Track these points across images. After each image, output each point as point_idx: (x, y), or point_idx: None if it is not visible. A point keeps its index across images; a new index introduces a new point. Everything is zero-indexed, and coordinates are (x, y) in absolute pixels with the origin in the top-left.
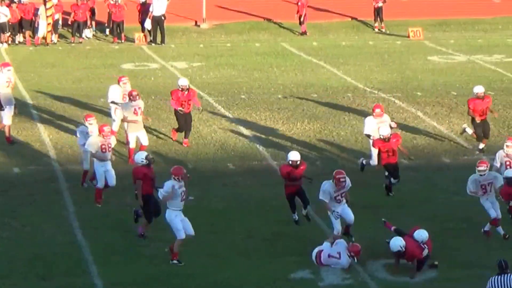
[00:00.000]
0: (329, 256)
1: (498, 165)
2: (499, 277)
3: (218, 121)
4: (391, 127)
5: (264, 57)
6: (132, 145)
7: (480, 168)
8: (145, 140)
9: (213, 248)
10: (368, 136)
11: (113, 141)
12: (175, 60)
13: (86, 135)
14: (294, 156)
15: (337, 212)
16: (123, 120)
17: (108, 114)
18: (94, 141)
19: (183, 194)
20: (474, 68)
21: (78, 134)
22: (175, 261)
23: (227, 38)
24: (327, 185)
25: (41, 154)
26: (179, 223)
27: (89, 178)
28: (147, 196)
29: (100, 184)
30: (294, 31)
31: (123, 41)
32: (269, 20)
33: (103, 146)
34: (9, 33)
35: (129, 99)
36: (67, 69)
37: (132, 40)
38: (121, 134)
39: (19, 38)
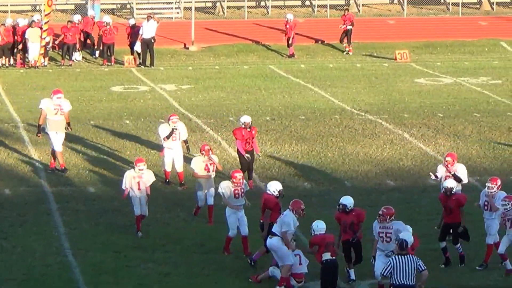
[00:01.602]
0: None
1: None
2: (400, 256)
3: (207, 143)
4: (458, 179)
5: (252, 79)
6: (201, 204)
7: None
8: (211, 199)
9: (203, 268)
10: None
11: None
12: (164, 82)
13: (132, 180)
14: (344, 200)
15: (391, 252)
16: (193, 176)
17: (97, 138)
18: (226, 186)
19: None
20: (461, 90)
21: (124, 178)
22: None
23: (216, 60)
24: (375, 223)
25: (32, 176)
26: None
27: (137, 227)
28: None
29: (232, 233)
30: (282, 54)
31: (112, 63)
32: (257, 42)
33: (236, 192)
34: None
35: (200, 153)
36: None
37: (122, 63)
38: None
39: (4, 61)
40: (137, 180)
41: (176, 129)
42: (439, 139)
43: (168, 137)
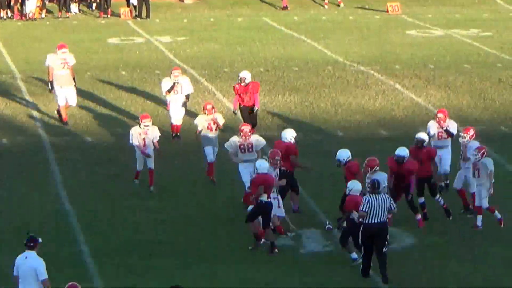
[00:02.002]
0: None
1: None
2: (374, 195)
3: (201, 94)
4: (450, 134)
5: (247, 31)
6: (210, 158)
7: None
8: (214, 156)
9: (195, 217)
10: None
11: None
12: (160, 34)
13: (139, 136)
14: (338, 155)
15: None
16: (196, 133)
17: (94, 95)
18: (232, 141)
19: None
20: (451, 42)
21: (130, 135)
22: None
23: (210, 13)
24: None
25: (29, 125)
26: None
27: (135, 176)
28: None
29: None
30: (276, 6)
31: (109, 16)
32: None
33: (242, 147)
34: None
35: (203, 112)
36: (54, 43)
37: (118, 15)
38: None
39: (1, 13)
40: (143, 137)
41: (177, 83)
42: (430, 89)
43: (169, 91)
